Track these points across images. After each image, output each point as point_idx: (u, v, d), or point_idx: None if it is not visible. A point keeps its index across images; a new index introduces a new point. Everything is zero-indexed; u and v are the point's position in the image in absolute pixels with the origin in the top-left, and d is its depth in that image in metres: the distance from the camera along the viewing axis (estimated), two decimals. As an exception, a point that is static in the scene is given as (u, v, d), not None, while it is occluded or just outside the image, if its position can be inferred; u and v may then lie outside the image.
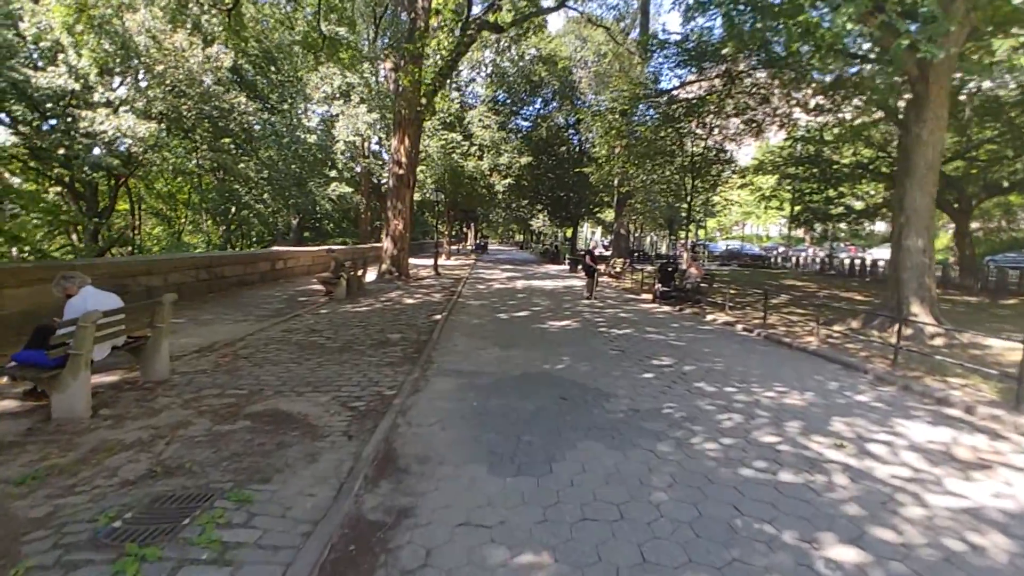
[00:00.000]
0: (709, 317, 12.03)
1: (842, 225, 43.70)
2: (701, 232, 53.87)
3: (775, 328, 10.23)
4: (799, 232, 53.58)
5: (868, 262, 26.72)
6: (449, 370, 6.67)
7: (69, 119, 22.11)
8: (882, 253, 36.37)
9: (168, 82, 25.44)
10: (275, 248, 21.60)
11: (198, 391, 5.48)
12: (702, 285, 14.42)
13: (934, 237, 8.78)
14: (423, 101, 17.22)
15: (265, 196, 34.49)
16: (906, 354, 7.32)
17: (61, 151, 22.24)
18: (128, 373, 5.94)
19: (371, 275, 18.37)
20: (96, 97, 21.92)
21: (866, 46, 15.61)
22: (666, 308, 13.73)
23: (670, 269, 14.59)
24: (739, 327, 10.57)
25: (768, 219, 62.97)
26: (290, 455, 3.98)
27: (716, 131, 19.38)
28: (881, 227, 52.93)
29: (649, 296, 15.92)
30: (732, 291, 16.03)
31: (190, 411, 4.94)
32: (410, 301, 13.16)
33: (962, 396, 5.78)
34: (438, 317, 10.72)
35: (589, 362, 7.18)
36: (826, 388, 6.17)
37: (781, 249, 46.87)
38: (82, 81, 21.64)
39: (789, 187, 30.37)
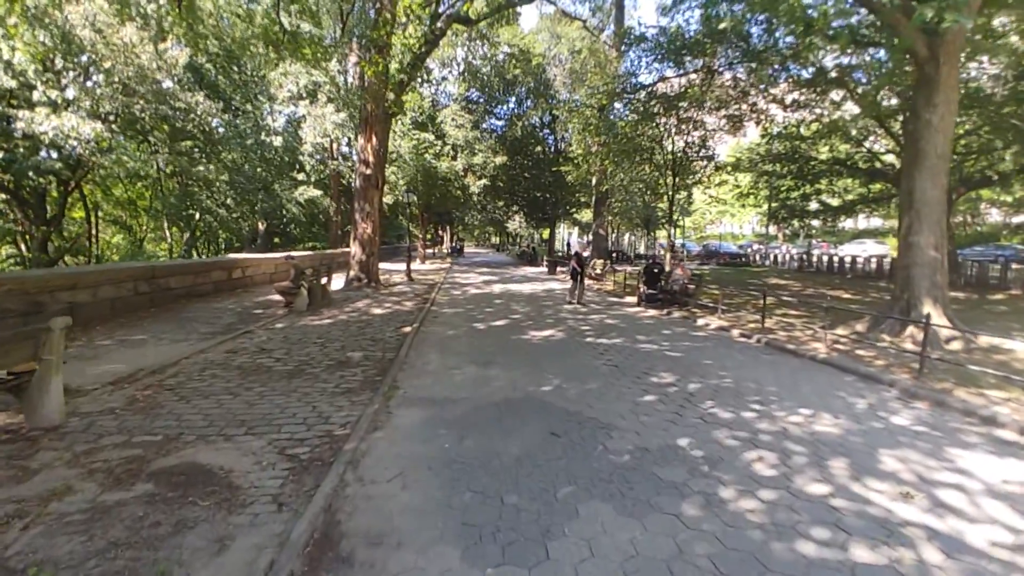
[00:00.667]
0: (700, 321, 11.24)
1: (815, 222, 44.02)
2: (677, 231, 53.71)
3: (775, 333, 9.46)
4: (773, 229, 53.90)
5: (847, 259, 26.52)
6: (417, 398, 5.64)
7: (6, 120, 20.35)
8: (853, 249, 36.47)
9: (117, 80, 23.77)
10: (232, 256, 20.17)
11: (96, 440, 4.35)
12: (689, 287, 13.67)
13: (945, 231, 8.11)
14: (390, 96, 16.11)
15: (228, 201, 32.82)
16: (928, 362, 6.57)
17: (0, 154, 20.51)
18: (12, 417, 4.77)
19: (339, 282, 17.19)
20: (36, 96, 20.20)
21: (829, 49, 15.27)
22: (652, 312, 12.92)
23: (655, 270, 13.80)
24: (735, 333, 9.78)
25: (743, 217, 63.38)
26: (190, 543, 2.91)
27: (696, 126, 18.72)
28: (850, 223, 53.63)
29: (633, 299, 15.13)
30: (718, 292, 15.36)
31: (76, 471, 3.82)
32: (378, 311, 12.05)
33: (1011, 414, 5.02)
34: (408, 329, 9.67)
35: (580, 381, 6.24)
36: (855, 409, 5.34)
37: (756, 247, 46.87)
38: (20, 79, 19.92)
39: (766, 184, 30.15)
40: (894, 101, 18.41)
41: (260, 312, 11.47)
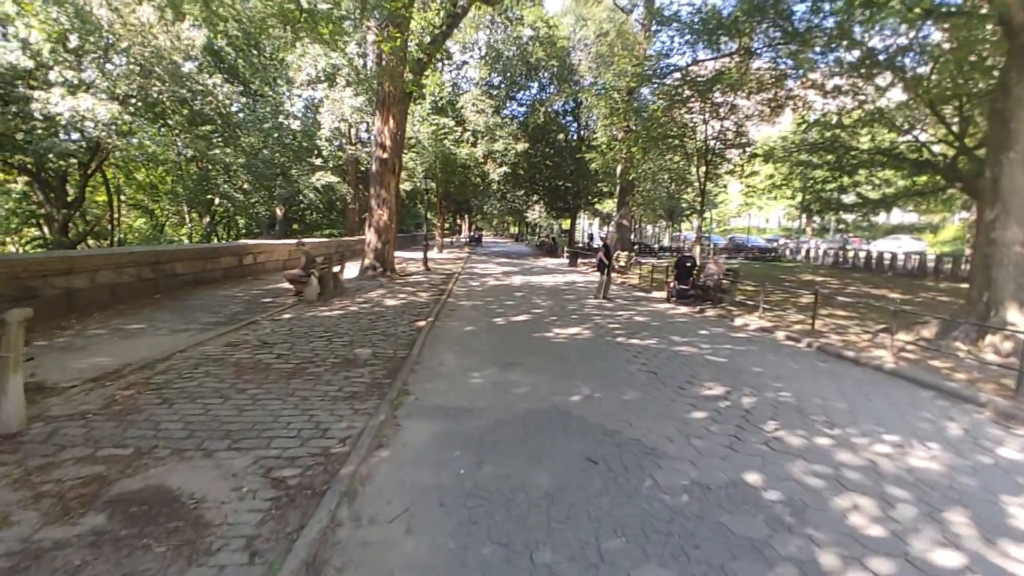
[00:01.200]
0: (738, 321, 10.35)
1: (851, 216, 42.07)
2: (703, 223, 52.20)
3: (827, 337, 8.55)
4: (802, 223, 52.00)
5: (887, 256, 25.11)
6: (429, 407, 4.93)
7: (22, 101, 20.15)
8: (887, 245, 34.73)
9: (133, 61, 23.46)
10: (243, 241, 19.76)
11: (56, 452, 3.73)
12: (724, 283, 12.76)
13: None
14: (408, 75, 15.36)
15: (245, 185, 32.50)
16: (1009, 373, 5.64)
17: (20, 136, 20.38)
18: (-32, 421, 4.18)
19: (354, 270, 16.62)
20: (52, 76, 19.97)
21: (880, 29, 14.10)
22: (684, 309, 12.05)
23: (688, 264, 12.89)
24: (780, 335, 8.88)
25: (769, 210, 61.40)
26: (127, 614, 2.24)
27: (732, 110, 17.61)
28: (882, 218, 51.30)
29: (661, 294, 14.25)
30: (752, 288, 14.40)
31: (22, 494, 3.20)
32: (392, 302, 11.39)
33: None
34: (422, 324, 8.98)
35: (615, 390, 5.47)
36: (947, 434, 4.49)
37: (783, 241, 45.17)
38: (36, 59, 19.70)
39: (799, 175, 28.71)
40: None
41: (269, 301, 10.90)
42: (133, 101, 25.69)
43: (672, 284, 13.08)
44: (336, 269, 13.33)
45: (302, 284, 11.31)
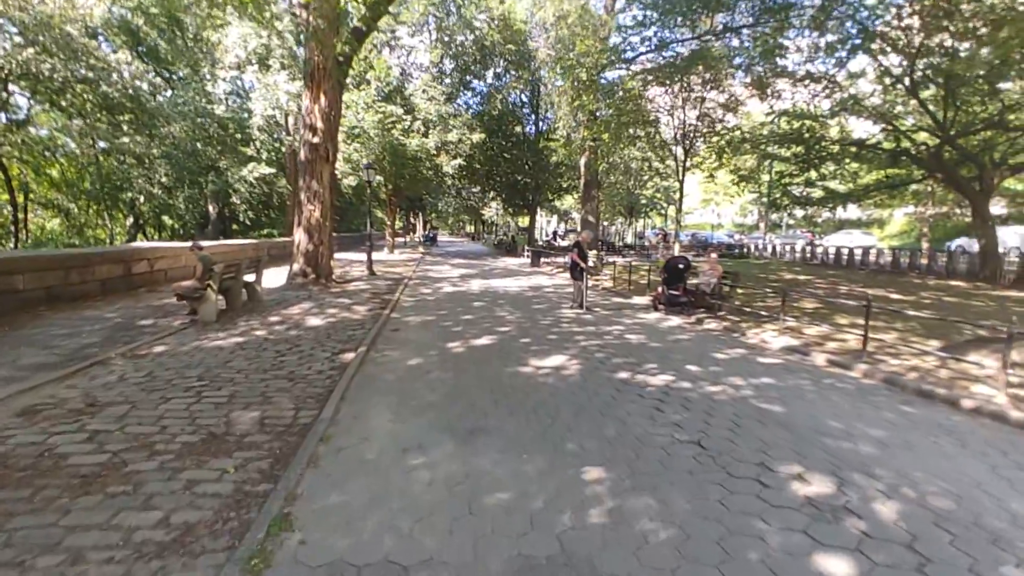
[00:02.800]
0: (752, 336, 8.40)
1: (798, 212, 41.82)
2: (659, 219, 51.39)
3: (882, 360, 6.65)
4: (761, 218, 51.80)
5: (858, 251, 24.15)
6: (321, 569, 2.54)
7: None
8: (840, 240, 34.14)
9: (15, 29, 19.80)
10: (134, 245, 16.55)
11: None
12: (724, 288, 10.86)
13: None
14: (341, 44, 12.76)
15: (163, 179, 28.67)
16: None
17: None
18: None
19: (283, 277, 13.89)
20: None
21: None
22: (677, 320, 10.06)
23: (680, 266, 10.88)
24: (820, 358, 6.92)
25: (723, 206, 61.16)
26: None
27: (717, 86, 15.87)
28: (827, 214, 51.54)
29: (643, 299, 12.31)
30: (742, 291, 12.64)
31: None
32: (317, 322, 8.82)
33: None
34: (350, 356, 6.52)
35: (653, 494, 3.24)
36: None
37: (737, 237, 44.65)
38: None
39: (767, 168, 27.66)
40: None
41: (148, 324, 8.14)
42: (20, 81, 21.89)
43: (660, 289, 11.07)
44: (250, 278, 10.64)
45: (196, 301, 8.59)
